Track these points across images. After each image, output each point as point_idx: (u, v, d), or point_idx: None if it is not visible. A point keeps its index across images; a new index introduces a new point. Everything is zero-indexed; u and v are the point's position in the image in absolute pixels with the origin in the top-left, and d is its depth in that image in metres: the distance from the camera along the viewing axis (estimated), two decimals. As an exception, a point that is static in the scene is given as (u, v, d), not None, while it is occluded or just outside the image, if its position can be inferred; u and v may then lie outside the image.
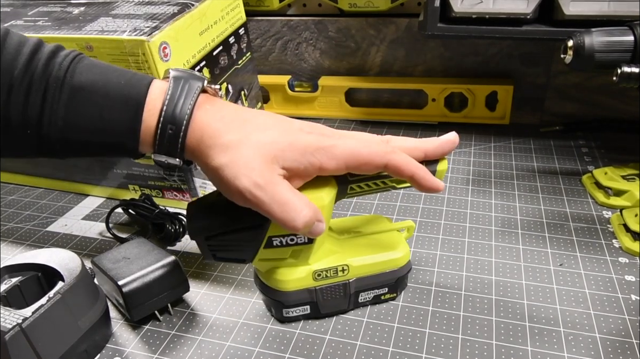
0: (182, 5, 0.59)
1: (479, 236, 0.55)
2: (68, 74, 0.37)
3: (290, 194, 0.37)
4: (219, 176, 0.37)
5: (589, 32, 0.50)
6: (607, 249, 0.52)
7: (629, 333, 0.43)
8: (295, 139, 0.38)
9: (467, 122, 0.77)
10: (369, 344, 0.44)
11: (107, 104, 0.37)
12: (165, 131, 0.37)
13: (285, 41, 0.83)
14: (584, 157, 0.68)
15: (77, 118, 0.37)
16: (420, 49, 0.77)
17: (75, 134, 0.37)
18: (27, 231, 0.63)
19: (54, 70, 0.37)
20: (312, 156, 0.37)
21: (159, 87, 0.38)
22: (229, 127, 0.37)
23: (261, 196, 0.36)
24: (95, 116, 0.37)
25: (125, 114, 0.37)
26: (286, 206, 0.36)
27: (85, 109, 0.37)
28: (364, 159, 0.38)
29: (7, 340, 0.37)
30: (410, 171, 0.39)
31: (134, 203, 0.61)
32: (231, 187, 0.36)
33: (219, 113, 0.39)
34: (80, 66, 0.38)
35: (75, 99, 0.37)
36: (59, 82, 0.37)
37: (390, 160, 0.39)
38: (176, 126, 0.37)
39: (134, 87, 0.38)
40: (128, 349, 0.46)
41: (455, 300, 0.48)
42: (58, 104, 0.37)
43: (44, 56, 0.37)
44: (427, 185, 0.40)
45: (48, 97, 0.36)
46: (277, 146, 0.37)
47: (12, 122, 0.37)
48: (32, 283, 0.46)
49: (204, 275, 0.53)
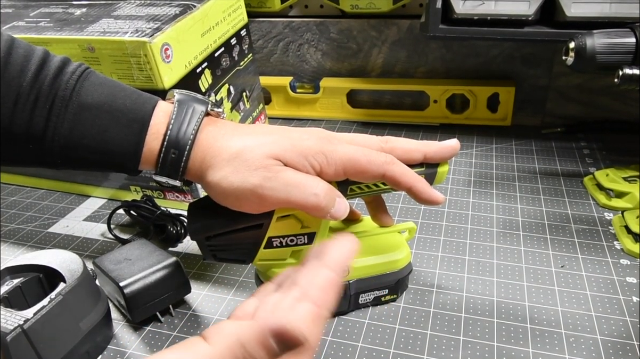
0: (184, 6, 0.59)
1: (480, 238, 0.55)
2: (75, 92, 0.37)
3: (300, 175, 0.37)
4: (223, 185, 0.37)
5: (590, 34, 0.50)
6: (609, 251, 0.52)
7: (630, 334, 0.43)
8: (296, 142, 0.38)
9: (468, 124, 0.77)
10: (370, 346, 0.44)
11: (112, 124, 0.38)
12: (168, 154, 0.38)
13: (287, 42, 0.83)
14: (585, 159, 0.68)
15: (81, 136, 0.38)
16: (421, 50, 0.77)
17: (78, 151, 0.38)
18: (28, 232, 0.63)
19: (61, 86, 0.37)
20: (313, 158, 0.38)
21: (163, 110, 0.39)
22: (229, 142, 0.38)
23: (274, 186, 0.36)
24: (99, 135, 0.38)
25: (129, 136, 0.38)
26: (300, 186, 0.36)
27: (89, 128, 0.38)
28: (362, 167, 0.38)
29: (9, 341, 0.37)
30: (408, 182, 0.39)
31: (135, 204, 0.61)
32: (239, 192, 0.37)
33: (220, 132, 0.39)
34: (87, 84, 0.38)
35: (80, 117, 0.37)
36: (65, 100, 0.37)
37: (388, 171, 0.39)
38: (179, 151, 0.38)
39: (139, 109, 0.38)
40: (129, 351, 0.46)
41: (456, 302, 0.47)
42: (63, 121, 0.37)
43: (52, 71, 0.38)
44: (425, 197, 0.40)
45: (53, 113, 0.37)
46: (279, 146, 0.37)
47: (16, 134, 0.37)
48: (33, 284, 0.46)
49: (206, 276, 0.53)
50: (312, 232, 0.41)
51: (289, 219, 0.40)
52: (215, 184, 0.37)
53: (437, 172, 0.42)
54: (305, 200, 0.37)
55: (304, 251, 0.42)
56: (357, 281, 0.45)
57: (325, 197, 0.37)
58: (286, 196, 0.36)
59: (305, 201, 0.37)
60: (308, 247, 0.42)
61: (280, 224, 0.40)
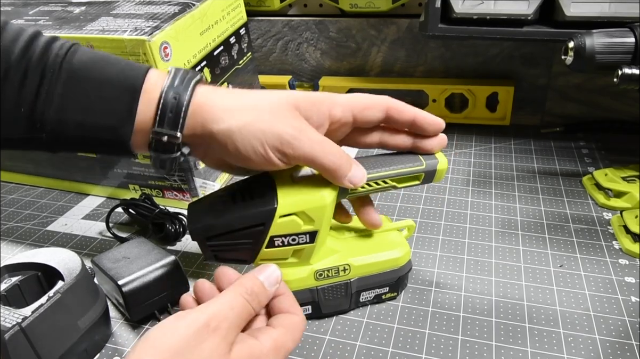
0: (183, 5, 0.59)
1: (479, 237, 0.55)
2: (64, 62, 0.37)
3: (320, 136, 0.38)
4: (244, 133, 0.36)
5: (589, 34, 0.50)
6: (607, 250, 0.52)
7: (629, 334, 0.43)
8: (306, 93, 0.40)
9: (467, 123, 0.77)
10: (369, 345, 0.44)
11: (104, 85, 0.37)
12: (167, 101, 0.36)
13: (286, 41, 0.83)
14: (584, 159, 0.68)
15: (73, 105, 0.36)
16: (421, 49, 0.77)
17: (70, 122, 0.37)
18: (27, 230, 0.63)
19: (51, 55, 0.37)
20: (322, 104, 0.39)
21: (157, 72, 0.38)
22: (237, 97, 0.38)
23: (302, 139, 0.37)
24: (92, 96, 0.37)
25: (122, 94, 0.37)
26: (324, 144, 0.38)
27: (81, 91, 0.37)
28: (366, 102, 0.41)
29: (7, 339, 0.37)
30: (412, 111, 0.42)
31: (134, 203, 0.61)
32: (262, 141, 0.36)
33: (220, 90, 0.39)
34: (78, 53, 0.38)
35: (72, 81, 0.36)
36: (56, 66, 0.36)
37: (391, 102, 0.42)
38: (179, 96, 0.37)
39: (132, 70, 0.38)
40: (128, 349, 0.46)
41: (455, 301, 0.48)
42: (53, 92, 0.36)
43: (42, 43, 0.37)
44: (430, 121, 0.42)
45: (45, 80, 0.36)
46: (294, 96, 0.39)
47: (5, 110, 0.36)
48: (32, 282, 0.46)
49: (204, 275, 0.53)
50: (314, 230, 0.41)
51: (291, 218, 0.40)
52: (233, 131, 0.36)
53: (437, 170, 0.42)
54: (326, 159, 0.38)
55: (306, 249, 0.42)
56: (358, 279, 0.45)
57: (343, 159, 0.39)
58: (311, 152, 0.37)
59: (326, 160, 0.38)
60: (310, 246, 0.42)
61: (283, 223, 0.40)
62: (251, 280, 0.35)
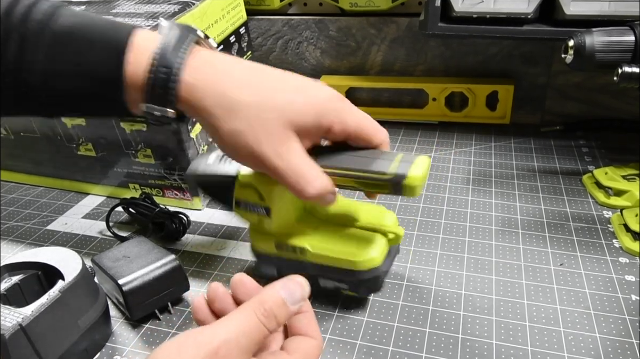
0: (183, 3, 0.59)
1: (479, 236, 0.55)
2: (51, 19, 0.36)
3: (306, 165, 0.38)
4: (234, 140, 0.37)
5: (589, 32, 0.50)
6: (608, 249, 0.52)
7: (629, 333, 0.43)
8: (311, 99, 0.38)
9: (467, 122, 0.77)
10: (369, 344, 0.44)
11: (91, 44, 0.36)
12: (157, 74, 0.35)
13: (285, 40, 0.83)
14: (584, 157, 0.68)
15: (59, 60, 0.35)
16: (420, 48, 0.77)
17: (56, 80, 0.36)
18: (27, 230, 0.63)
19: (34, 15, 0.35)
20: (326, 119, 0.38)
21: (145, 32, 0.37)
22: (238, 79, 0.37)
23: (280, 165, 0.37)
24: (78, 56, 0.35)
25: (110, 52, 0.35)
26: (301, 176, 0.37)
27: (67, 50, 0.35)
28: (369, 135, 0.40)
29: (7, 338, 0.37)
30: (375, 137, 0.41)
31: (134, 202, 0.61)
32: (246, 152, 0.37)
33: (218, 57, 0.38)
34: (63, 12, 0.37)
35: (57, 41, 0.35)
36: (41, 25, 0.35)
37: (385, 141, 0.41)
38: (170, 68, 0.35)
39: (118, 29, 0.36)
40: (128, 348, 0.46)
41: (455, 299, 0.48)
42: (38, 46, 0.35)
43: (24, 5, 0.36)
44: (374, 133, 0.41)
45: (28, 41, 0.35)
46: (294, 108, 0.37)
47: None
48: (32, 282, 0.46)
49: (204, 274, 0.53)
50: (267, 206, 0.44)
51: (249, 190, 0.44)
52: (226, 133, 0.36)
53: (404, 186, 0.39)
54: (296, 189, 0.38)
55: (264, 220, 0.45)
56: (314, 264, 0.45)
57: (318, 194, 0.38)
58: (284, 177, 0.37)
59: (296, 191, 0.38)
60: (268, 220, 0.44)
61: (243, 191, 0.44)
62: (272, 297, 0.31)
